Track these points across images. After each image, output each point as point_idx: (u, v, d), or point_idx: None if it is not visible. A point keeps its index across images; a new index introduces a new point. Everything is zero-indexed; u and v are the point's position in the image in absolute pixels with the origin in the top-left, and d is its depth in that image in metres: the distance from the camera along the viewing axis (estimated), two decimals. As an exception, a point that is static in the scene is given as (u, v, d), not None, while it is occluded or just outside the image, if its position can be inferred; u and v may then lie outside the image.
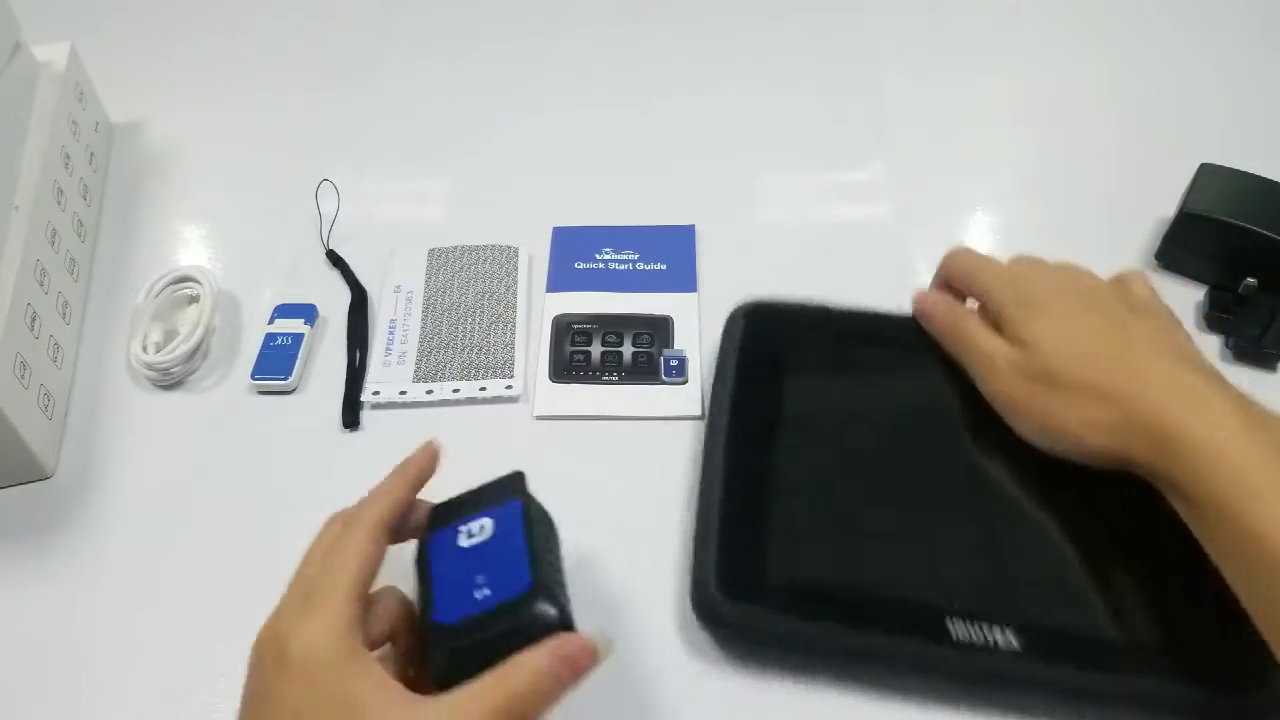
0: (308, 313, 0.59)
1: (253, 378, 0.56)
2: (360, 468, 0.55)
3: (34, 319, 0.54)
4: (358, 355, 0.57)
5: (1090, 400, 0.42)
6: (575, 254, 0.62)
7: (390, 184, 0.69)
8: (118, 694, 0.46)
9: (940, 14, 0.79)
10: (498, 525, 0.39)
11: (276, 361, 0.57)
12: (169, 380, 0.57)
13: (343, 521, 0.39)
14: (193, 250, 0.65)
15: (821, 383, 0.51)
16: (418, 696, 0.34)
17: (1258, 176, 0.58)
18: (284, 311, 0.59)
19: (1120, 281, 0.48)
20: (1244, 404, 0.40)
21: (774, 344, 0.52)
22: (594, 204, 0.65)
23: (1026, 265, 0.49)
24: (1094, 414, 0.42)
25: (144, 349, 0.57)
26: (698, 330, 0.58)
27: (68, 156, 0.63)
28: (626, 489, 0.51)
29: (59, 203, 0.60)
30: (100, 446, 0.55)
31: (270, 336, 0.58)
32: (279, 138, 0.72)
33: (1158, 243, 0.59)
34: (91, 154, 0.67)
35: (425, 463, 0.41)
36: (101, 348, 0.59)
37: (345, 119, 0.73)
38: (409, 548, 0.40)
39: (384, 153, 0.71)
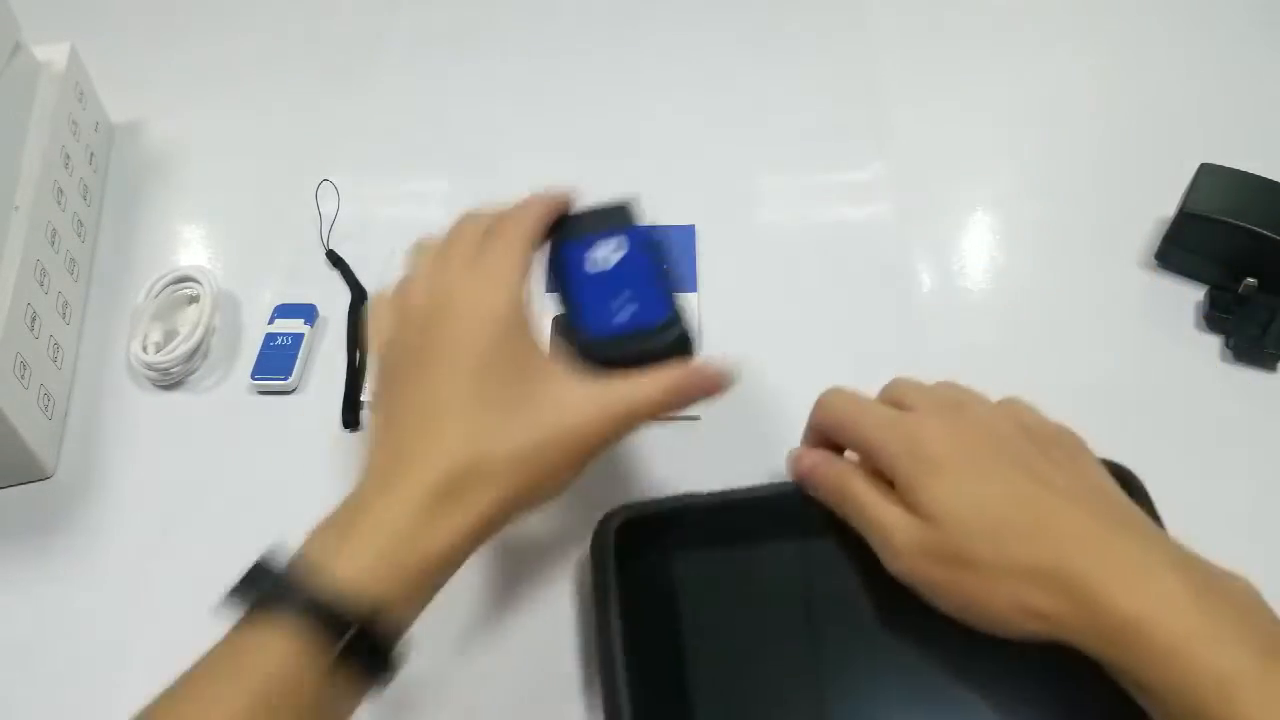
0: (308, 313, 0.59)
1: (253, 378, 0.56)
2: (360, 468, 0.55)
3: (34, 319, 0.54)
4: (358, 355, 0.57)
5: (1016, 583, 0.36)
6: (575, 254, 0.62)
7: (390, 184, 0.69)
8: (117, 694, 0.46)
9: (940, 14, 0.79)
10: (630, 249, 0.44)
11: (276, 361, 0.57)
12: (169, 380, 0.57)
13: (490, 216, 0.43)
14: (193, 250, 0.65)
15: (715, 594, 0.45)
16: (576, 374, 0.39)
17: (1258, 176, 0.58)
18: (284, 311, 0.59)
19: (1009, 405, 0.42)
20: (1185, 564, 0.35)
21: (652, 560, 0.45)
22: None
23: (912, 396, 0.42)
24: (1024, 598, 0.36)
25: (144, 349, 0.57)
26: (698, 330, 0.58)
27: (68, 156, 0.63)
28: (627, 489, 0.51)
29: (59, 203, 0.60)
30: (100, 446, 0.55)
31: (270, 336, 0.58)
32: (279, 138, 0.72)
33: (1158, 243, 0.59)
34: (91, 154, 0.67)
35: (563, 198, 0.45)
36: (101, 348, 0.59)
37: (345, 119, 0.73)
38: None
39: (384, 153, 0.71)
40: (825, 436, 0.44)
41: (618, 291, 0.42)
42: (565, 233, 0.45)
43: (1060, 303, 0.59)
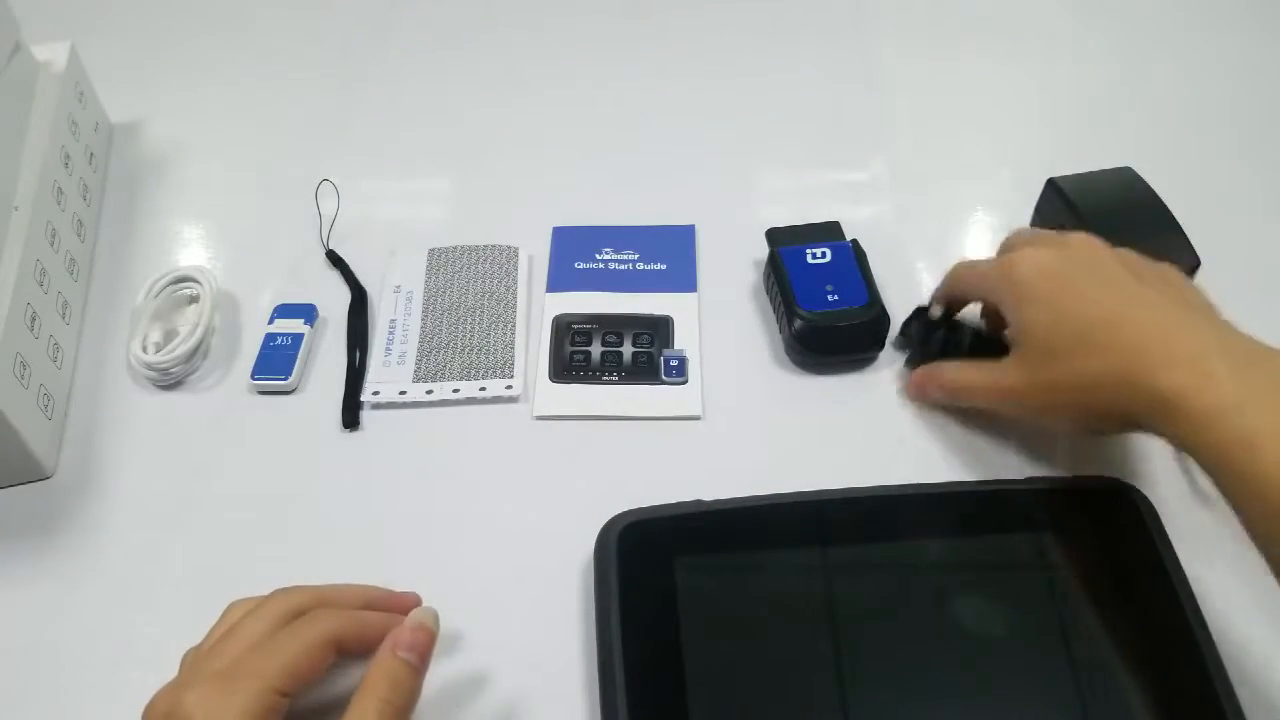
0: (308, 313, 0.59)
1: (253, 378, 0.56)
2: (360, 468, 0.55)
3: (34, 319, 0.54)
4: (358, 355, 0.57)
5: (1086, 361, 0.42)
6: (575, 254, 0.62)
7: (390, 184, 0.69)
8: (118, 694, 0.46)
9: (941, 13, 0.79)
10: (835, 254, 0.57)
11: (276, 361, 0.57)
12: (169, 380, 0.57)
13: (294, 608, 0.37)
14: (193, 250, 0.65)
15: (716, 602, 0.45)
16: None
17: (1102, 171, 0.59)
18: (284, 311, 0.59)
19: (1116, 247, 0.47)
20: (1229, 346, 0.40)
21: (655, 566, 0.45)
22: (594, 204, 0.65)
23: (1020, 239, 0.49)
24: (1090, 370, 0.42)
25: (144, 349, 0.57)
26: (698, 330, 0.58)
27: (68, 156, 0.63)
28: (626, 489, 0.51)
29: (59, 203, 0.60)
30: (100, 446, 0.55)
31: (270, 336, 0.58)
32: (279, 138, 0.72)
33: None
34: (91, 154, 0.67)
35: (409, 615, 0.38)
36: (101, 348, 0.59)
37: (345, 119, 0.73)
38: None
39: (384, 153, 0.71)
40: (951, 300, 0.53)
41: (829, 281, 0.56)
42: (782, 241, 0.58)
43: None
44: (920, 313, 0.56)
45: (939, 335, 0.54)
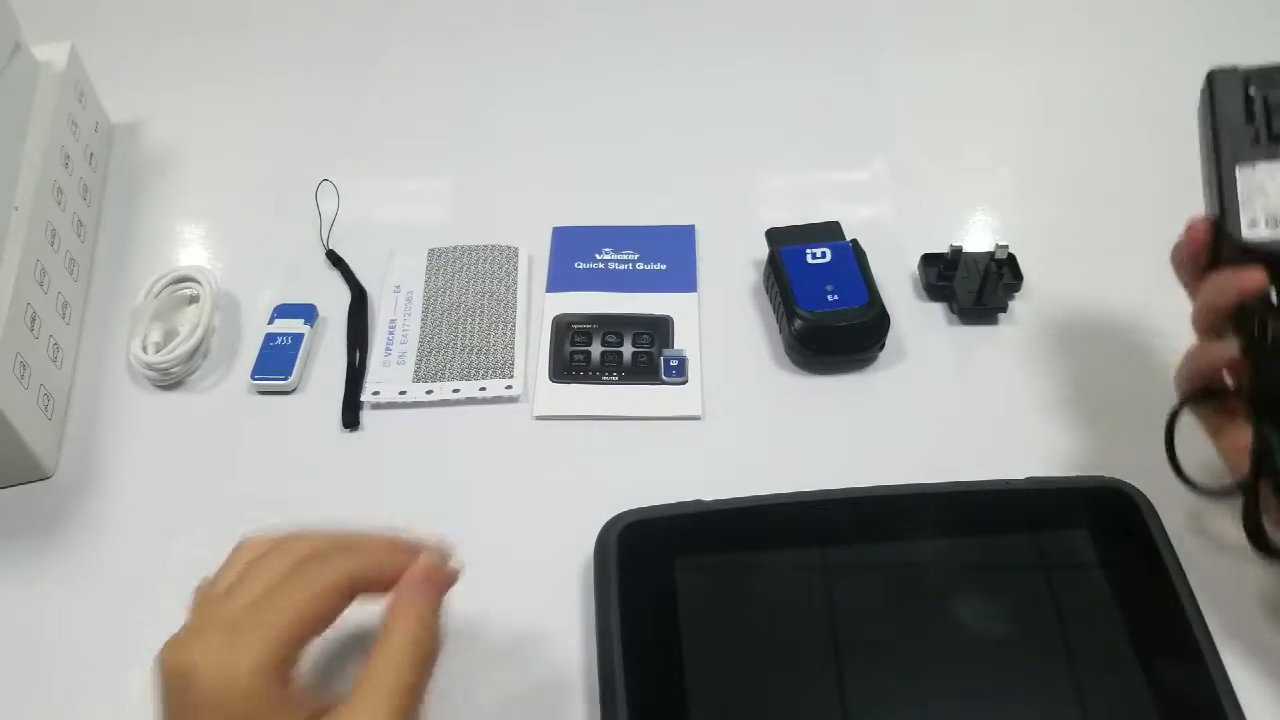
0: (308, 313, 0.59)
1: (253, 378, 0.56)
2: (360, 468, 0.55)
3: (34, 319, 0.54)
4: (358, 355, 0.57)
5: None
6: (575, 254, 0.62)
7: (390, 184, 0.69)
8: (118, 694, 0.46)
9: (941, 12, 0.79)
10: (835, 254, 0.57)
11: (276, 361, 0.57)
12: (169, 380, 0.57)
13: (309, 552, 0.35)
14: (193, 250, 0.65)
15: (717, 602, 0.45)
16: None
17: None
18: (284, 311, 0.59)
19: None
20: None
21: (655, 566, 0.45)
22: (594, 204, 0.65)
23: None
24: None
25: (144, 349, 0.57)
26: (698, 330, 0.58)
27: (68, 156, 0.63)
28: (626, 489, 0.51)
29: (59, 203, 0.60)
30: (100, 446, 0.55)
31: (270, 336, 0.58)
32: (279, 138, 0.72)
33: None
34: (91, 154, 0.67)
35: (428, 556, 0.37)
36: (101, 348, 0.59)
37: (345, 119, 0.73)
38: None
39: (384, 153, 0.71)
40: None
41: (829, 281, 0.56)
42: (782, 241, 0.58)
43: (1063, 301, 0.59)
44: (934, 256, 0.54)
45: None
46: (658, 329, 0.58)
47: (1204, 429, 0.42)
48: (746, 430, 0.54)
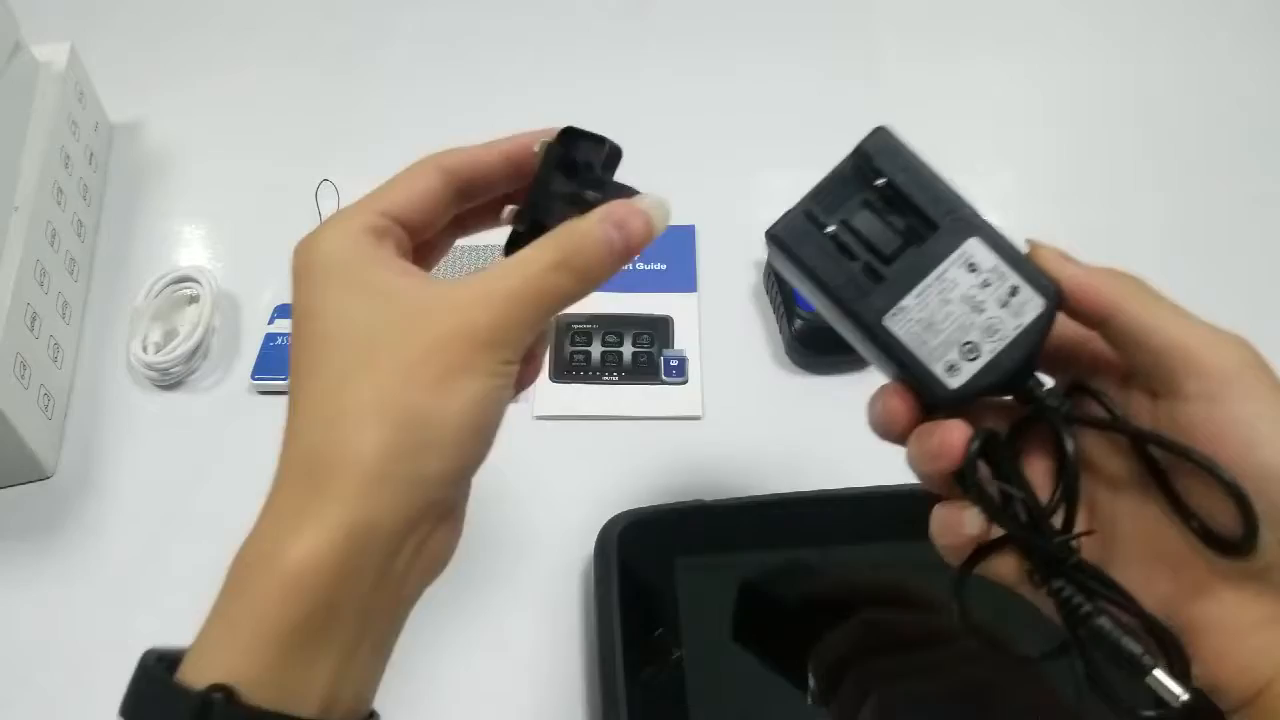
0: (308, 313, 0.59)
1: (253, 378, 0.56)
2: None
3: (34, 319, 0.54)
4: (358, 355, 0.57)
5: None
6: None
7: (390, 184, 0.69)
8: (118, 694, 0.46)
9: (942, 13, 0.79)
10: None
11: (276, 361, 0.57)
12: (169, 380, 0.57)
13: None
14: (193, 250, 0.65)
15: (717, 600, 0.45)
16: (450, 280, 0.31)
17: None
18: (284, 311, 0.59)
19: None
20: None
21: (656, 566, 0.45)
22: (594, 204, 0.65)
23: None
24: None
25: (144, 349, 0.57)
26: (698, 330, 0.58)
27: (68, 156, 0.63)
28: (626, 489, 0.51)
29: (59, 203, 0.60)
30: (100, 446, 0.55)
31: (270, 336, 0.58)
32: (279, 137, 0.72)
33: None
34: (91, 154, 0.67)
35: (525, 143, 0.35)
36: (101, 348, 0.59)
37: (345, 119, 0.73)
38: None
39: (384, 153, 0.70)
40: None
41: None
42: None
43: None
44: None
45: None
46: (658, 329, 0.58)
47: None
48: (746, 430, 0.54)
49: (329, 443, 0.29)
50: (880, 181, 0.32)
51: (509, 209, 0.35)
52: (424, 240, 0.35)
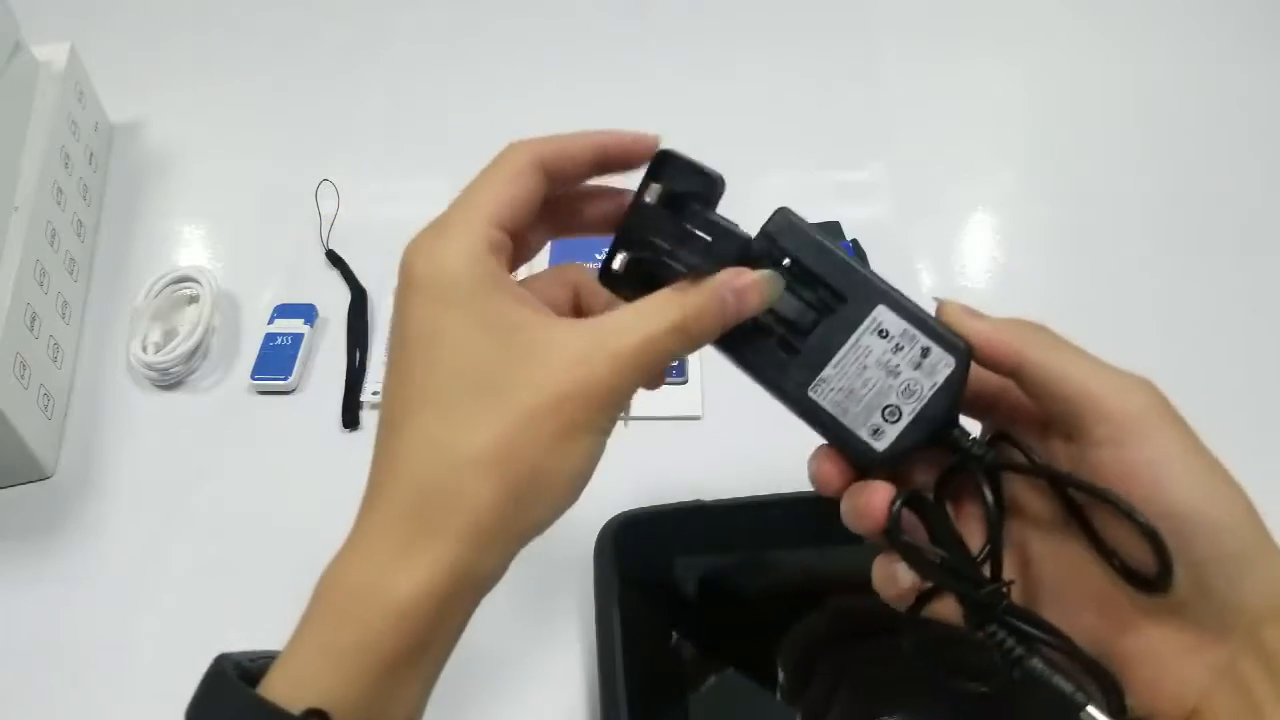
0: (308, 313, 0.59)
1: (253, 378, 0.56)
2: (360, 468, 0.55)
3: (34, 319, 0.54)
4: (358, 355, 0.57)
5: None
6: (575, 254, 0.62)
7: (390, 184, 0.69)
8: (118, 694, 0.46)
9: (942, 14, 0.79)
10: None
11: (276, 361, 0.57)
12: (169, 380, 0.57)
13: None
14: (193, 250, 0.65)
15: (715, 600, 0.45)
16: (566, 320, 0.31)
17: None
18: (284, 311, 0.59)
19: None
20: None
21: (655, 566, 0.45)
22: (594, 204, 0.65)
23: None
24: None
25: (144, 349, 0.57)
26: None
27: (68, 156, 0.63)
28: (626, 489, 0.51)
29: (59, 203, 0.60)
30: (100, 446, 0.55)
31: (270, 336, 0.58)
32: (279, 137, 0.72)
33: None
34: (91, 154, 0.67)
35: (625, 140, 0.35)
36: (101, 348, 0.59)
37: (345, 119, 0.73)
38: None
39: (384, 153, 0.71)
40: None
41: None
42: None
43: (1063, 302, 0.59)
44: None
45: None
46: (658, 329, 0.58)
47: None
48: (747, 430, 0.54)
49: (448, 489, 0.29)
50: (787, 261, 0.33)
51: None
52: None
